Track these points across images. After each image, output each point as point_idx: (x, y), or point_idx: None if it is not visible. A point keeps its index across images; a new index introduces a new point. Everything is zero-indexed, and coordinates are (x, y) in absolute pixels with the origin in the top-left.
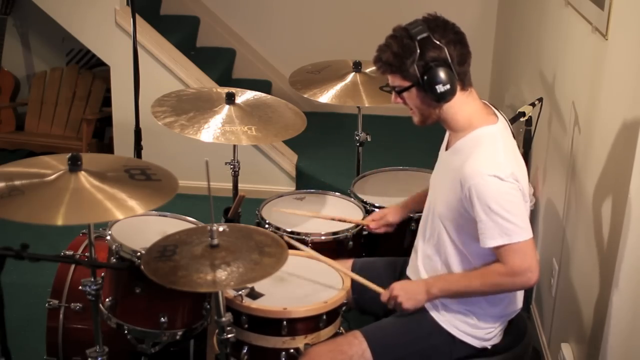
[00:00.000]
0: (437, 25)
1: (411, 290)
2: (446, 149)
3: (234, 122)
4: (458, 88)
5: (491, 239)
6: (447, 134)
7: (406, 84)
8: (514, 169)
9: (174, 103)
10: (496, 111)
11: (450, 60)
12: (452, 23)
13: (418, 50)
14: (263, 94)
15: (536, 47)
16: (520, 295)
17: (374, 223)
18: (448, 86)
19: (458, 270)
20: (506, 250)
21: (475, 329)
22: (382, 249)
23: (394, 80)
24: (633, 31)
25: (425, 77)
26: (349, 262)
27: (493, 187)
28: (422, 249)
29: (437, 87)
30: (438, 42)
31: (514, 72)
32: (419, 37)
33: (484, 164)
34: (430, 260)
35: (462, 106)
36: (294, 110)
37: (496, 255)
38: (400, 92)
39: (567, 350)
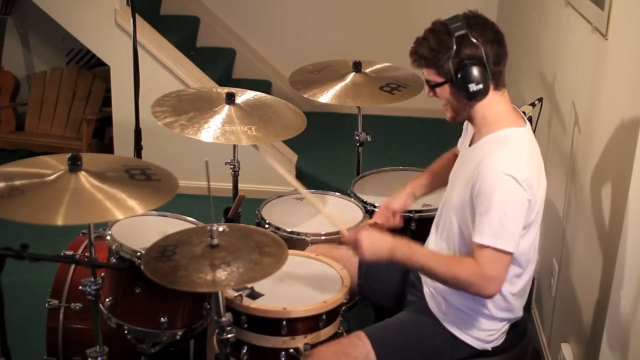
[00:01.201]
0: (476, 23)
1: (377, 244)
2: (470, 145)
3: (234, 122)
4: (491, 87)
5: (480, 235)
6: (470, 130)
7: (440, 79)
8: (531, 175)
9: (174, 103)
10: (524, 117)
11: (485, 60)
12: (492, 22)
13: (454, 47)
14: (263, 94)
15: (536, 47)
16: (524, 301)
17: (381, 217)
18: (481, 85)
19: None
20: (487, 251)
21: (479, 331)
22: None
23: (429, 74)
24: (633, 31)
25: (459, 75)
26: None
27: (504, 187)
28: (434, 241)
29: (470, 85)
30: (475, 41)
31: (514, 72)
32: (456, 34)
33: (503, 161)
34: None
35: (494, 105)
36: (294, 110)
37: (474, 251)
38: (433, 86)
39: (567, 350)
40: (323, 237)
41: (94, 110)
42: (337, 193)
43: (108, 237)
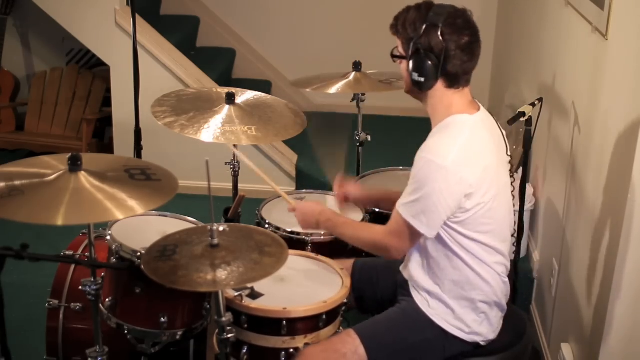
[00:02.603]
0: (455, 23)
1: (307, 213)
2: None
3: (234, 122)
4: (443, 84)
5: (402, 204)
6: None
7: (402, 53)
8: (461, 156)
9: (174, 103)
10: (482, 107)
11: (443, 58)
12: (475, 29)
13: (421, 33)
14: (263, 94)
15: (536, 47)
16: (495, 286)
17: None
18: (422, 79)
19: (426, 266)
20: (399, 219)
21: (459, 322)
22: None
23: (398, 43)
24: (633, 31)
25: (412, 60)
26: (350, 262)
27: (427, 172)
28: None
29: (414, 73)
30: (441, 37)
31: (514, 72)
32: (428, 23)
33: (433, 146)
34: (411, 254)
35: (445, 98)
36: (294, 110)
37: (392, 215)
38: (395, 56)
39: (567, 350)
40: (322, 237)
41: (94, 110)
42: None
43: (108, 237)
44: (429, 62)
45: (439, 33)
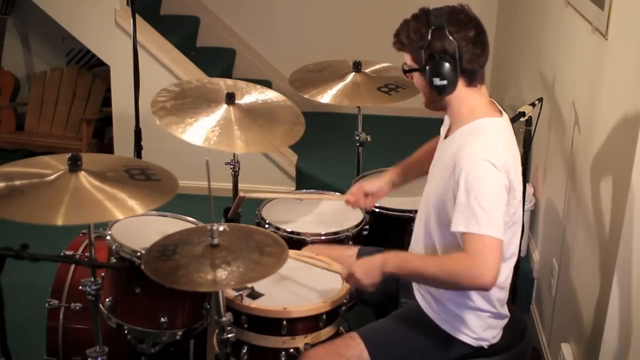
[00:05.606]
0: (457, 19)
1: (368, 267)
2: (445, 137)
3: (232, 124)
4: (463, 84)
5: (462, 224)
6: (446, 123)
7: (414, 65)
8: (508, 160)
9: (176, 96)
10: (502, 109)
11: (457, 57)
12: (477, 20)
13: (429, 38)
14: (266, 93)
15: (536, 47)
16: (503, 296)
17: (352, 196)
18: (445, 82)
19: None
20: (472, 238)
21: (470, 326)
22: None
23: (407, 58)
24: (633, 31)
25: (428, 67)
26: (354, 249)
27: (483, 173)
28: (414, 240)
29: (434, 79)
30: (450, 36)
31: (514, 72)
32: (433, 26)
33: (481, 149)
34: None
35: (467, 99)
36: (293, 113)
37: (462, 242)
38: (407, 71)
39: (567, 350)
40: (323, 237)
41: (94, 110)
42: (337, 193)
43: (108, 237)
44: (446, 64)
45: (447, 33)
